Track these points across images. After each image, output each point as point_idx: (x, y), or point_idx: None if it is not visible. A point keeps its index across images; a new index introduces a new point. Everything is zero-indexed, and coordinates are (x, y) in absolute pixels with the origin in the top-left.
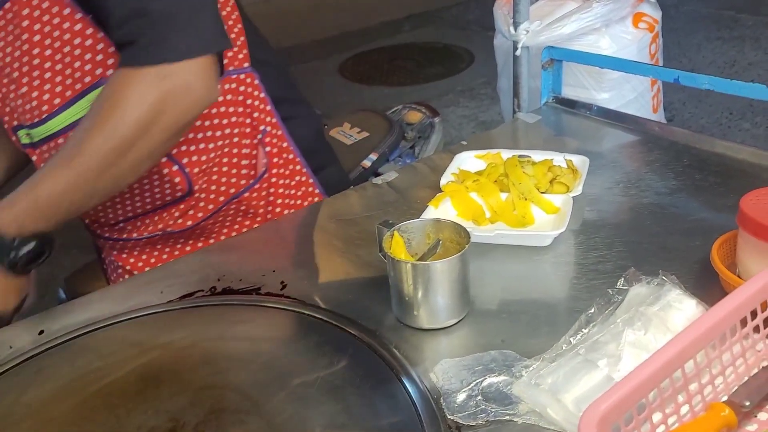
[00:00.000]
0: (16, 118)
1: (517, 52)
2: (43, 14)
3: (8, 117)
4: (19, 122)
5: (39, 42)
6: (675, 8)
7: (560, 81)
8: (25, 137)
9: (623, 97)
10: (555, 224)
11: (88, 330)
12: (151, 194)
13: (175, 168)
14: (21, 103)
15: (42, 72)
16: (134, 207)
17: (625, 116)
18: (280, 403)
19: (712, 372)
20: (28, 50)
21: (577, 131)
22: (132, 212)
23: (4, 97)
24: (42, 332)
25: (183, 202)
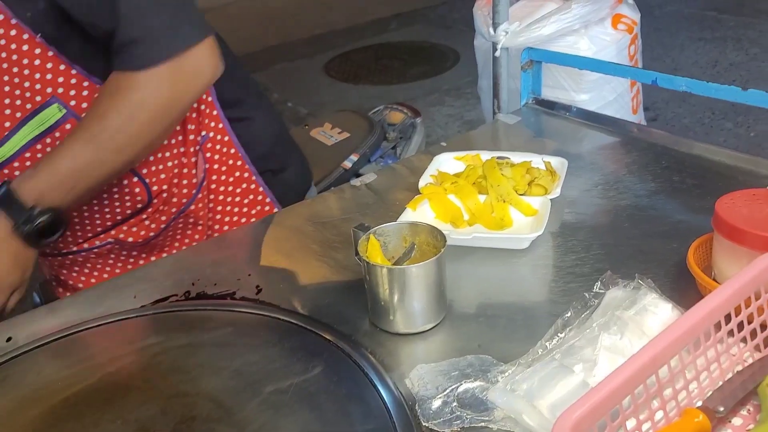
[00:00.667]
0: None
1: (497, 53)
2: None
3: None
4: None
5: None
6: (659, 8)
7: (540, 82)
8: None
9: (603, 98)
10: (533, 227)
11: (57, 337)
12: (111, 208)
13: (135, 179)
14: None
15: None
16: (93, 223)
17: (604, 118)
18: (253, 412)
19: (687, 377)
20: None
21: (557, 132)
22: (90, 229)
23: None
24: (10, 339)
25: (136, 217)
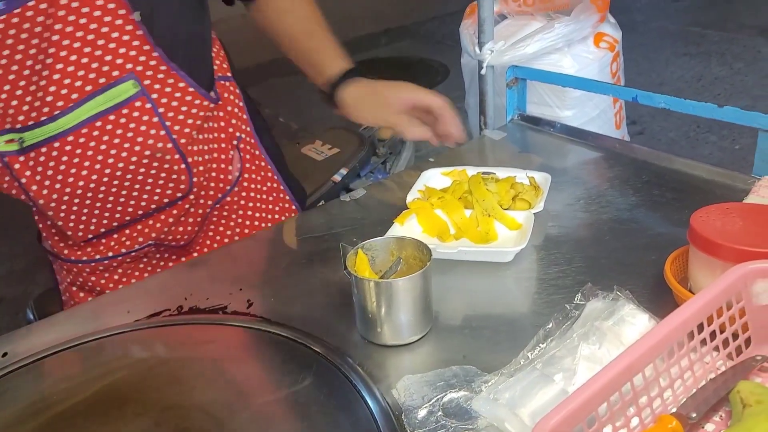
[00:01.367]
0: (8, 122)
1: (483, 71)
2: (83, 5)
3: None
4: (11, 125)
5: (71, 33)
6: (644, 24)
7: (525, 99)
8: (10, 144)
9: (586, 115)
10: (517, 240)
11: (53, 351)
12: (151, 193)
13: (183, 166)
14: (30, 101)
15: (67, 65)
16: (135, 208)
17: (587, 133)
18: (245, 422)
19: (661, 385)
20: (58, 41)
21: (542, 148)
22: (130, 215)
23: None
24: (5, 354)
25: (177, 206)
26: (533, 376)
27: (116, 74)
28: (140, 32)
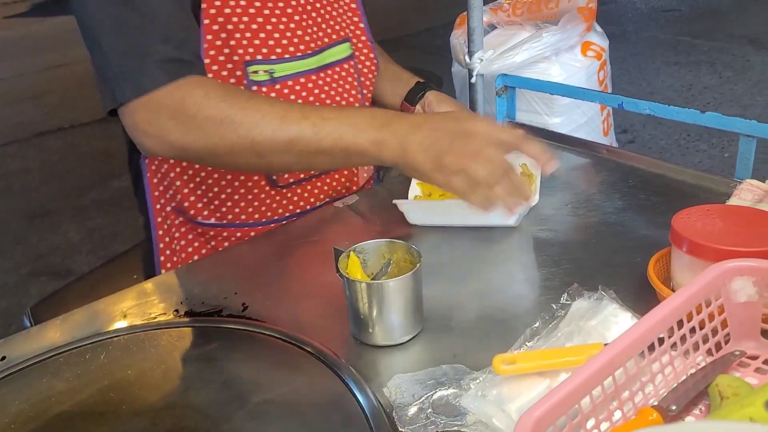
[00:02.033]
0: (262, 53)
1: (473, 80)
2: None
3: (243, 51)
4: (263, 57)
5: None
6: (635, 34)
7: (514, 107)
8: (262, 74)
9: (574, 122)
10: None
11: (51, 355)
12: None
13: None
14: (289, 36)
15: (319, 15)
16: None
17: (575, 140)
18: (239, 421)
19: (643, 379)
20: None
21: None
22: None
23: (298, 26)
24: (4, 358)
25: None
26: (520, 374)
27: (342, 35)
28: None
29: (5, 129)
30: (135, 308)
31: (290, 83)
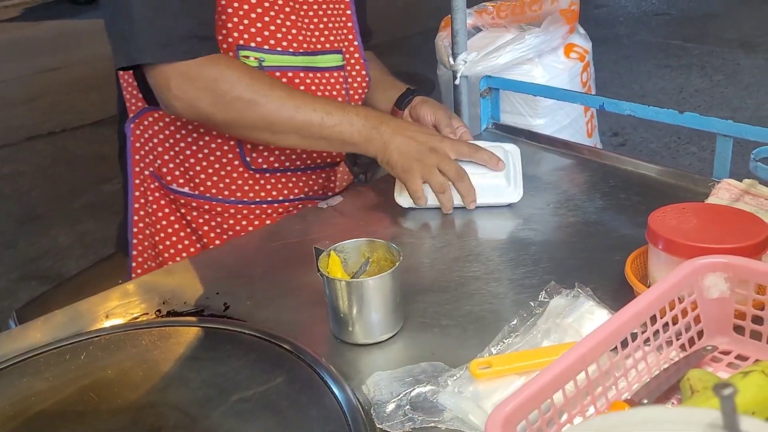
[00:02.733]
0: (257, 41)
1: (457, 81)
2: None
3: (237, 35)
4: (257, 45)
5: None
6: (627, 38)
7: (498, 108)
8: (253, 60)
9: (558, 123)
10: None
11: (31, 355)
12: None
13: None
14: (294, 33)
15: (319, 19)
16: (302, 160)
17: (558, 141)
18: (218, 419)
19: (616, 374)
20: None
21: None
22: (297, 164)
23: (292, 26)
24: None
25: (327, 171)
26: None
27: (334, 45)
28: (350, 12)
29: None
30: (117, 309)
31: (278, 74)
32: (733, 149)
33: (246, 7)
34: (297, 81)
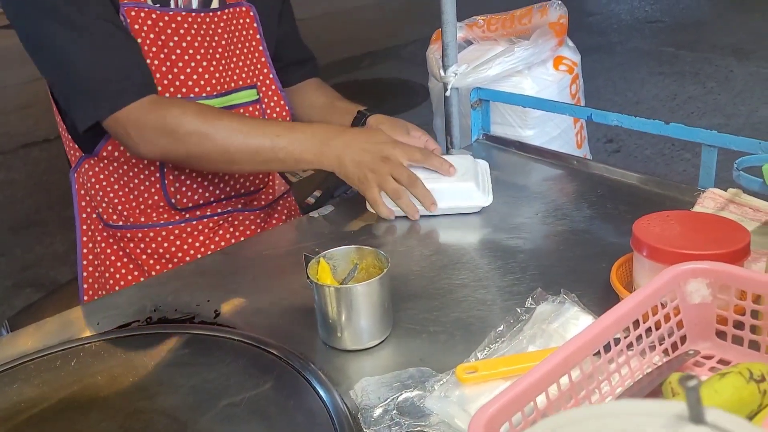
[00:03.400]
0: (175, 86)
1: (447, 93)
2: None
3: (157, 83)
4: (195, 95)
5: (242, 38)
6: (621, 45)
7: (488, 119)
8: None
9: (547, 134)
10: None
11: (22, 362)
12: (245, 179)
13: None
14: (207, 78)
15: (238, 60)
16: (232, 186)
17: (548, 151)
18: (207, 424)
19: (599, 378)
20: (235, 42)
21: (505, 166)
22: (227, 192)
23: (205, 71)
24: None
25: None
26: None
27: (247, 82)
28: (262, 48)
29: None
30: (108, 316)
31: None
32: (721, 158)
33: (162, 56)
34: None
